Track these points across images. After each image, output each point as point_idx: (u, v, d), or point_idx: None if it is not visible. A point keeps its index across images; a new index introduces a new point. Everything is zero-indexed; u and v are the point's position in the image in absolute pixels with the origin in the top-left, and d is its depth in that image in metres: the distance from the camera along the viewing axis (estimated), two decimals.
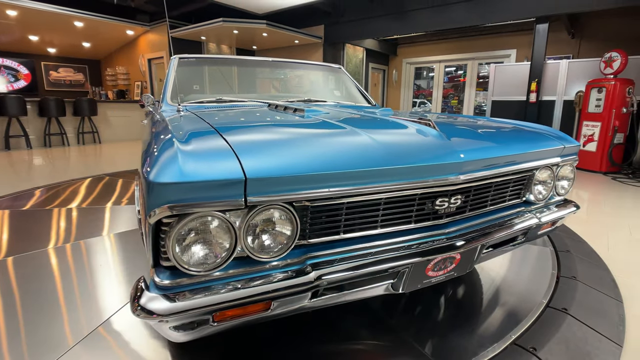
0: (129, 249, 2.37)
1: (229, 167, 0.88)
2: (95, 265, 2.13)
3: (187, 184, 0.84)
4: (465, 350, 1.39)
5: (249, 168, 0.89)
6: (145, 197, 0.88)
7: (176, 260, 0.88)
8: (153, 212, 0.84)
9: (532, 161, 1.43)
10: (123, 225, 2.79)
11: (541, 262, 2.16)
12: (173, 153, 0.91)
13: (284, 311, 1.02)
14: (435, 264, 1.19)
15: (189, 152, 0.91)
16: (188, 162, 0.87)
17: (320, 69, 2.94)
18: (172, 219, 0.87)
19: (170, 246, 0.86)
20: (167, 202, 0.84)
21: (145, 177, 0.87)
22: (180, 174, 0.84)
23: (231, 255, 0.93)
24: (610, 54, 5.26)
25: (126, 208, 3.26)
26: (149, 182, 0.84)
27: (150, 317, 0.87)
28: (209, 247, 0.91)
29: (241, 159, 0.91)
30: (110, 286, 1.89)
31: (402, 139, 1.19)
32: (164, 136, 1.09)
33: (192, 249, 0.90)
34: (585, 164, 5.47)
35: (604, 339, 1.51)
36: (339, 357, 1.35)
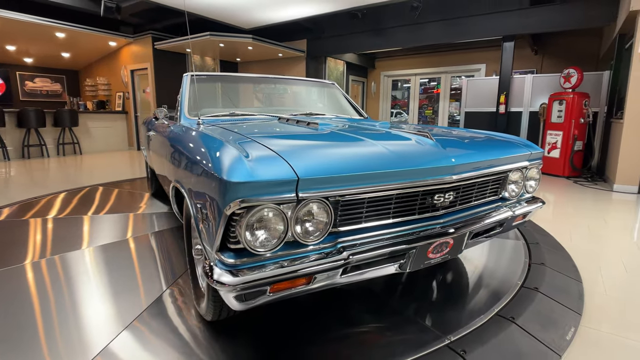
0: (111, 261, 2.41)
1: (284, 170, 1.15)
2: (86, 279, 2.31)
3: (254, 183, 1.10)
4: (459, 321, 1.69)
5: (299, 170, 1.16)
6: (218, 194, 1.13)
7: (246, 243, 1.13)
8: (228, 206, 1.09)
9: (506, 164, 1.76)
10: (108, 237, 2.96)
11: (516, 252, 2.52)
12: (239, 158, 1.16)
13: (320, 285, 1.28)
14: (434, 247, 1.48)
15: (251, 158, 1.17)
16: (253, 166, 1.13)
17: (316, 84, 3.23)
18: (242, 210, 1.12)
19: (241, 232, 1.12)
20: (239, 197, 1.09)
21: (219, 178, 1.12)
22: (250, 175, 1.10)
23: (284, 239, 1.19)
24: (568, 70, 5.84)
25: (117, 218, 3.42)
26: (225, 182, 1.09)
27: (223, 287, 1.11)
28: (269, 232, 1.17)
29: (291, 163, 1.18)
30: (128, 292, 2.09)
31: (407, 147, 1.49)
32: (217, 145, 1.34)
33: (256, 234, 1.15)
34: (550, 169, 5.99)
35: (568, 309, 1.84)
36: (354, 336, 1.62)
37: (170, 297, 1.94)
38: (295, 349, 1.50)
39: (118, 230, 3.01)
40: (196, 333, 1.61)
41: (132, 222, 3.23)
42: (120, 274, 2.21)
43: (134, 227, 3.10)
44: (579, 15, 5.74)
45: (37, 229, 3.06)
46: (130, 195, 4.34)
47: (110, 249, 2.61)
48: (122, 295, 1.95)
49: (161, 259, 2.44)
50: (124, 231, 2.99)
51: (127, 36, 9.14)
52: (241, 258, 1.17)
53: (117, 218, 3.36)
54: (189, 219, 1.86)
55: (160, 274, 2.21)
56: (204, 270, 1.20)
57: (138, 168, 6.72)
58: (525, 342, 1.56)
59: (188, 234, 1.90)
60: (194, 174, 1.39)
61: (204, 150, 1.37)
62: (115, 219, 3.34)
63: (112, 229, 3.04)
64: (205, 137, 1.55)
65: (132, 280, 2.12)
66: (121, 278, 2.15)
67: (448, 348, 1.50)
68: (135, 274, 2.21)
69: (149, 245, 2.68)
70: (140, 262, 2.38)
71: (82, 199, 4.12)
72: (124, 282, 2.10)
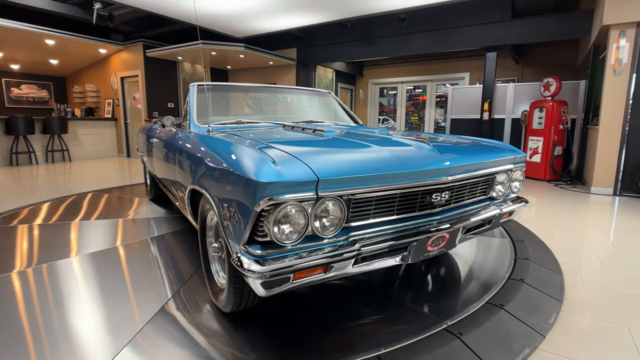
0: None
1: (306, 172, 1.31)
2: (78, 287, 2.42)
3: (281, 183, 1.26)
4: (454, 309, 1.87)
5: (318, 172, 1.32)
6: (248, 194, 1.28)
7: (273, 236, 1.29)
8: (258, 204, 1.25)
9: (493, 167, 1.96)
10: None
11: (502, 249, 2.72)
12: (267, 162, 1.32)
13: (335, 274, 1.44)
14: (433, 241, 1.66)
15: (277, 162, 1.33)
16: (279, 168, 1.29)
17: (313, 93, 3.41)
18: (269, 207, 1.27)
19: (270, 227, 1.27)
20: (268, 196, 1.25)
21: (250, 179, 1.28)
22: (277, 176, 1.26)
23: (304, 233, 1.35)
24: (548, 80, 6.18)
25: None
26: (256, 183, 1.25)
27: (253, 274, 1.26)
28: (292, 226, 1.33)
29: (311, 166, 1.34)
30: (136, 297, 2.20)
31: (409, 152, 1.67)
32: (244, 150, 1.49)
33: (282, 228, 1.31)
34: (532, 174, 6.30)
35: (550, 297, 2.04)
36: (360, 326, 1.78)
37: (184, 295, 2.06)
38: (306, 338, 1.65)
39: (120, 235, 3.10)
40: (215, 327, 1.75)
41: (133, 227, 3.33)
42: (130, 276, 2.32)
43: (135, 231, 3.20)
44: (556, 28, 6.09)
45: (37, 234, 3.13)
46: (129, 201, 4.42)
47: (115, 253, 2.72)
48: (134, 295, 2.07)
49: (168, 261, 2.56)
50: (126, 236, 3.09)
51: (117, 43, 9.18)
52: (267, 249, 1.32)
53: (117, 223, 3.45)
54: (204, 219, 2.00)
55: (170, 275, 2.33)
56: (233, 261, 1.35)
57: (131, 174, 6.76)
58: (513, 325, 1.75)
59: (203, 234, 2.04)
60: (221, 177, 1.53)
61: (232, 156, 1.51)
62: (116, 224, 3.43)
63: (114, 234, 3.13)
64: (230, 144, 1.70)
65: (143, 281, 2.23)
66: (130, 281, 2.26)
67: (446, 331, 1.68)
68: (148, 274, 2.32)
69: (152, 249, 2.79)
70: (147, 265, 2.49)
71: (79, 205, 4.18)
72: (134, 284, 2.21)
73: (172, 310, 1.87)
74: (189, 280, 2.23)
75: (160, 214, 3.77)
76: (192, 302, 1.97)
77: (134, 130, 9.72)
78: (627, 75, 4.84)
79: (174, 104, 9.65)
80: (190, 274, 2.32)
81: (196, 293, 2.07)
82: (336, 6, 5.90)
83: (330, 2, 5.68)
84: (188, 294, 2.06)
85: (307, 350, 1.56)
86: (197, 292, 2.08)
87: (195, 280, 2.22)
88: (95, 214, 3.77)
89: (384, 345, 1.57)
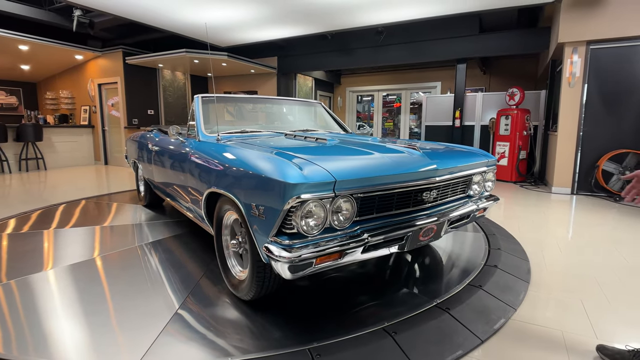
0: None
1: (325, 174, 1.59)
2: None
3: (307, 184, 1.53)
4: (440, 290, 2.20)
5: (335, 174, 1.61)
6: (278, 194, 1.55)
7: (300, 228, 1.56)
8: (288, 202, 1.52)
9: (471, 169, 2.31)
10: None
11: (478, 241, 3.10)
12: (293, 167, 1.59)
13: (348, 260, 1.72)
14: (424, 232, 1.98)
15: (299, 165, 1.61)
16: (304, 172, 1.57)
17: (305, 104, 3.70)
18: (297, 204, 1.54)
19: (298, 221, 1.55)
20: (296, 194, 1.52)
21: (280, 182, 1.54)
22: (304, 178, 1.54)
23: (324, 225, 1.63)
24: (512, 90, 6.76)
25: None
26: (285, 184, 1.52)
27: (284, 259, 1.53)
28: (315, 220, 1.60)
29: (328, 169, 1.63)
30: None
31: (403, 157, 1.99)
32: (271, 157, 1.76)
33: (307, 221, 1.58)
34: (500, 176, 6.83)
35: (519, 280, 2.41)
36: (365, 307, 2.07)
37: (205, 285, 2.29)
38: (318, 319, 1.93)
39: (122, 241, 3.26)
40: (237, 314, 1.99)
41: (136, 232, 3.49)
42: (138, 279, 2.51)
43: (136, 236, 3.36)
44: (519, 43, 6.69)
45: (49, 240, 3.24)
46: (121, 207, 4.53)
47: (120, 257, 2.89)
48: (148, 298, 2.27)
49: (175, 263, 2.76)
50: (127, 241, 3.25)
51: (95, 50, 9.12)
52: (293, 239, 1.59)
53: (118, 229, 3.60)
54: (220, 220, 2.24)
55: (182, 275, 2.54)
56: (262, 252, 1.61)
57: (111, 182, 6.79)
58: (491, 301, 2.09)
59: (218, 233, 2.28)
60: (249, 181, 1.77)
61: (260, 161, 1.76)
62: (116, 230, 3.57)
63: (114, 240, 3.29)
64: (253, 152, 1.95)
65: (159, 281, 2.44)
66: (138, 286, 2.46)
67: (437, 307, 2.00)
68: (161, 275, 2.52)
69: (158, 252, 2.98)
70: (157, 267, 2.68)
71: (69, 213, 4.26)
72: (147, 288, 2.41)
73: (187, 312, 2.08)
74: (201, 278, 2.45)
75: (157, 218, 3.93)
76: (211, 295, 2.19)
77: (112, 138, 9.65)
78: (580, 87, 5.42)
79: (154, 111, 9.66)
80: (201, 273, 2.54)
81: (210, 290, 2.29)
82: (318, 21, 6.23)
83: (312, 17, 6.00)
84: (201, 293, 2.28)
85: (321, 327, 1.83)
86: (211, 288, 2.30)
87: (207, 278, 2.45)
88: (108, 219, 3.88)
89: (387, 319, 1.87)
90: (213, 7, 5.56)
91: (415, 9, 5.63)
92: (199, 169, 2.41)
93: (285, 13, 5.85)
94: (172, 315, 1.94)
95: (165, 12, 5.85)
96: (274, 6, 5.51)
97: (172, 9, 5.70)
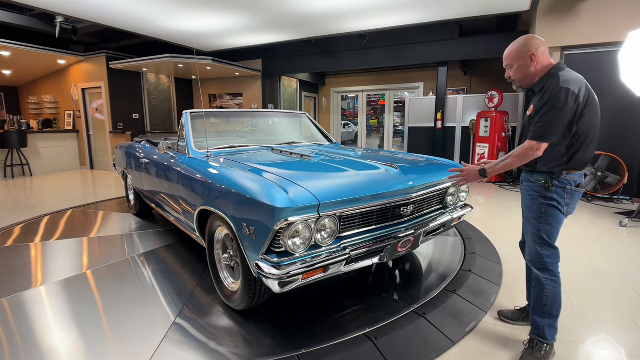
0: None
1: (310, 197, 1.75)
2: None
3: (295, 208, 1.69)
4: (418, 295, 2.39)
5: (319, 197, 1.77)
6: (268, 216, 1.70)
7: (288, 247, 1.72)
8: (277, 224, 1.67)
9: (445, 183, 2.49)
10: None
11: (455, 246, 3.31)
12: (281, 191, 1.74)
13: (331, 272, 1.88)
14: (402, 243, 2.16)
15: (288, 190, 1.76)
16: (291, 196, 1.72)
17: (290, 115, 3.84)
18: (285, 226, 1.70)
19: (286, 241, 1.70)
20: (284, 217, 1.67)
21: (269, 206, 1.69)
22: (291, 202, 1.69)
23: (309, 244, 1.79)
24: (491, 93, 7.01)
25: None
26: (274, 208, 1.67)
27: (273, 276, 1.68)
28: (301, 239, 1.76)
29: (313, 192, 1.78)
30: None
31: (381, 176, 2.16)
32: (261, 180, 1.90)
33: (294, 241, 1.74)
34: None
35: (491, 283, 2.62)
36: (346, 314, 2.24)
37: (200, 295, 2.43)
38: (306, 325, 2.09)
39: (113, 253, 3.37)
40: (230, 323, 2.14)
41: (126, 243, 3.58)
42: (136, 290, 2.64)
43: (128, 247, 3.46)
44: (498, 46, 6.92)
45: (36, 253, 3.32)
46: (110, 216, 4.61)
47: (112, 269, 3.00)
48: (146, 309, 2.40)
49: (168, 274, 2.88)
50: (118, 252, 3.36)
51: (78, 55, 9.05)
52: (281, 257, 1.75)
53: (109, 240, 3.69)
54: (212, 234, 2.38)
55: (175, 286, 2.67)
56: (253, 269, 1.76)
57: (97, 188, 6.81)
58: (464, 305, 2.29)
59: (210, 247, 2.41)
60: (241, 203, 1.90)
61: (250, 185, 1.89)
62: (106, 241, 3.67)
63: (105, 252, 3.39)
64: (242, 173, 2.09)
65: (153, 293, 2.56)
66: (135, 297, 2.58)
67: (414, 312, 2.18)
68: (156, 288, 2.65)
69: (151, 264, 3.09)
70: (151, 279, 2.81)
71: (56, 224, 4.32)
72: (140, 301, 2.54)
73: (184, 321, 2.23)
74: (195, 288, 2.59)
75: (148, 227, 4.03)
76: (202, 309, 2.33)
77: (98, 142, 9.61)
78: None
79: (139, 115, 9.65)
80: (195, 283, 2.67)
81: (205, 300, 2.43)
82: (302, 27, 6.36)
83: (297, 24, 6.13)
84: (197, 303, 2.42)
85: (309, 333, 1.99)
86: (206, 300, 2.44)
87: (201, 287, 2.58)
88: (95, 229, 3.95)
89: (369, 325, 2.05)
90: (197, 15, 5.64)
91: (397, 16, 5.81)
92: (190, 186, 2.53)
93: (270, 21, 5.96)
94: (170, 325, 2.08)
95: (149, 20, 5.90)
96: (258, 15, 5.62)
97: (155, 18, 5.75)
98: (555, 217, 1.75)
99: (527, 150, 1.67)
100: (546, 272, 1.81)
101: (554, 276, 1.81)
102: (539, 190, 1.76)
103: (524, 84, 1.85)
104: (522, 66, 1.78)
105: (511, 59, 1.82)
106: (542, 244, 1.79)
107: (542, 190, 1.75)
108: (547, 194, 1.73)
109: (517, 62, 1.80)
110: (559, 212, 1.75)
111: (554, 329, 1.83)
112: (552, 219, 1.75)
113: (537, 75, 1.77)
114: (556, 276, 1.81)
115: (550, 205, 1.74)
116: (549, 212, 1.74)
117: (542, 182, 1.74)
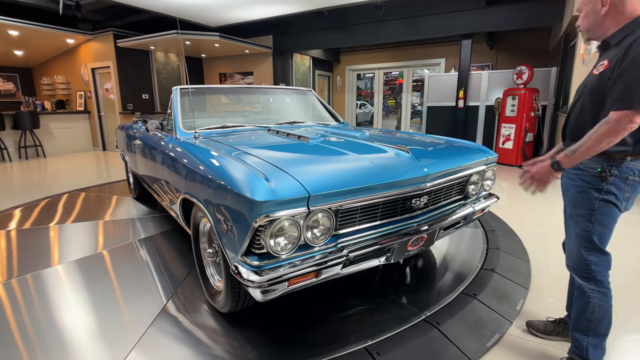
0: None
1: (298, 188, 1.42)
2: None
3: (277, 201, 1.37)
4: (432, 300, 2.06)
5: (309, 188, 1.44)
6: (246, 211, 1.39)
7: (270, 248, 1.40)
8: (256, 221, 1.35)
9: (467, 170, 2.12)
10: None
11: (475, 240, 2.93)
12: (262, 181, 1.42)
13: (325, 277, 1.57)
14: (413, 241, 1.82)
15: (270, 180, 1.43)
16: (274, 187, 1.40)
17: (294, 92, 3.48)
18: (266, 223, 1.38)
19: (266, 240, 1.39)
20: (264, 213, 1.36)
21: (247, 198, 1.37)
22: (273, 194, 1.37)
23: (297, 243, 1.47)
24: (520, 68, 6.41)
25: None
26: (253, 201, 1.35)
27: (252, 284, 1.38)
28: (287, 239, 1.45)
29: (302, 182, 1.45)
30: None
31: (389, 161, 1.80)
32: (240, 168, 1.58)
33: (277, 241, 1.43)
34: (504, 160, 6.58)
35: (518, 285, 2.26)
36: (349, 319, 1.94)
37: (181, 296, 2.17)
38: (298, 333, 1.80)
39: (118, 237, 3.15)
40: (215, 326, 1.87)
41: (118, 228, 3.37)
42: (126, 279, 2.40)
43: (121, 233, 3.25)
44: (529, 15, 6.28)
45: (54, 235, 3.14)
46: (110, 200, 4.42)
47: (104, 257, 2.78)
48: (136, 298, 2.16)
49: (161, 262, 2.64)
50: (121, 237, 3.14)
51: (86, 33, 8.83)
52: (263, 260, 1.44)
53: (104, 225, 3.48)
54: (197, 226, 2.09)
55: (164, 277, 2.43)
56: (232, 271, 1.46)
57: (109, 170, 6.68)
58: (485, 313, 1.95)
59: (196, 239, 2.14)
60: (217, 192, 1.61)
61: (228, 173, 1.58)
62: (101, 225, 3.46)
63: (100, 236, 3.18)
64: (221, 158, 1.77)
65: (142, 284, 2.32)
66: (128, 283, 2.35)
67: (425, 322, 1.86)
68: (146, 276, 2.41)
69: (141, 251, 2.86)
70: (140, 268, 2.57)
71: (71, 206, 4.16)
72: (133, 286, 2.30)
73: (172, 312, 1.98)
74: (184, 280, 2.33)
75: (146, 212, 3.81)
76: (190, 303, 2.08)
77: (108, 123, 9.49)
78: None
79: (149, 95, 9.44)
80: (184, 275, 2.42)
81: (193, 294, 2.18)
82: None
83: None
84: (185, 295, 2.16)
85: (300, 345, 1.71)
86: (194, 293, 2.18)
87: (190, 281, 2.33)
88: (108, 212, 3.78)
89: (371, 337, 1.74)
90: None
91: None
92: (174, 171, 2.25)
93: None
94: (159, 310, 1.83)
95: None
96: None
97: None
98: (610, 215, 1.37)
99: (617, 123, 1.21)
100: (592, 282, 1.45)
101: (603, 287, 1.45)
102: (591, 180, 1.38)
103: (593, 35, 1.44)
104: (590, 12, 1.37)
105: (581, 2, 1.41)
106: (590, 248, 1.42)
107: (595, 180, 1.36)
108: (603, 186, 1.35)
109: (586, 5, 1.39)
110: (615, 209, 1.36)
111: (600, 349, 1.49)
112: (606, 217, 1.37)
113: (612, 25, 1.35)
114: (605, 287, 1.45)
115: (605, 200, 1.35)
116: (602, 209, 1.36)
117: (596, 171, 1.35)
